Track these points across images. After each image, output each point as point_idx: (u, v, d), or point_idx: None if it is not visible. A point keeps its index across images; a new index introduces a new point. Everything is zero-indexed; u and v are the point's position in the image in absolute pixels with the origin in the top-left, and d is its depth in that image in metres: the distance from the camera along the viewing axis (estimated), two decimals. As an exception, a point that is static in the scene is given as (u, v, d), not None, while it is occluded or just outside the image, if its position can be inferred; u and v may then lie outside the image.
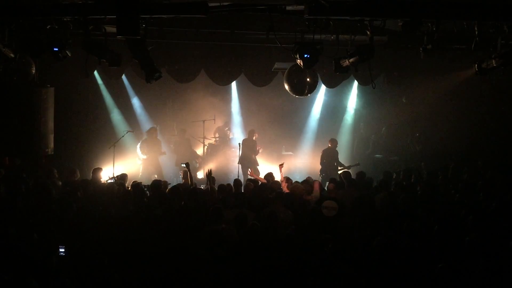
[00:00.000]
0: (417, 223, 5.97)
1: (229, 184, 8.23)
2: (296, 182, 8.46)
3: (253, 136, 12.06)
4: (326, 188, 8.69)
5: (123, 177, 8.83)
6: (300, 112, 13.89)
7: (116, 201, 7.28)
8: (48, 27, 7.01)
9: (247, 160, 11.68)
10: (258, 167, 11.92)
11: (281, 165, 9.07)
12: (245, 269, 4.93)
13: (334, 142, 11.77)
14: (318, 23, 6.68)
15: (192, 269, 4.84)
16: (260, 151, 12.04)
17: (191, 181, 8.32)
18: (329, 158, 11.56)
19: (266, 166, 12.35)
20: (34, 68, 8.25)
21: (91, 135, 11.76)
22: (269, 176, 8.88)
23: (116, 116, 12.67)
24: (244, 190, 8.02)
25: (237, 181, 8.43)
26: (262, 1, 6.58)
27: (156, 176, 10.73)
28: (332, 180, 8.51)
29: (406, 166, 10.65)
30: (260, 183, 8.44)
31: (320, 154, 11.83)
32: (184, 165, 8.65)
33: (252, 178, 9.13)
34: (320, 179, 11.25)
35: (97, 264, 4.68)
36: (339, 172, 11.05)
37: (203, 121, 12.15)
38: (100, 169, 9.09)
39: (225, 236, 5.56)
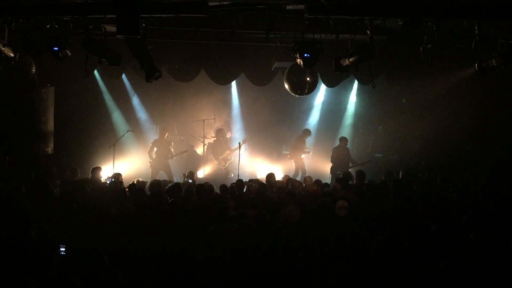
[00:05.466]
0: (416, 222, 5.96)
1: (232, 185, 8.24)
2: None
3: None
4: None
5: (116, 176, 8.80)
6: (300, 111, 13.89)
7: (115, 200, 7.29)
8: (48, 27, 7.01)
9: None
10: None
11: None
12: (245, 269, 4.92)
13: (344, 140, 11.66)
14: (318, 22, 6.68)
15: (192, 269, 4.84)
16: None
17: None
18: (340, 156, 11.44)
19: (266, 165, 12.40)
20: (34, 68, 8.26)
21: (91, 134, 11.75)
22: (270, 176, 8.85)
23: (116, 115, 12.66)
24: (247, 191, 8.00)
25: (239, 181, 8.40)
26: (262, 1, 6.58)
27: (167, 178, 10.45)
28: (338, 180, 8.44)
29: (406, 165, 10.64)
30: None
31: (320, 152, 11.77)
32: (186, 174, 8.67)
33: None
34: (330, 177, 11.24)
35: (98, 264, 4.67)
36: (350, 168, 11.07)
37: (203, 121, 12.14)
38: (99, 168, 9.10)
39: (225, 236, 5.56)
